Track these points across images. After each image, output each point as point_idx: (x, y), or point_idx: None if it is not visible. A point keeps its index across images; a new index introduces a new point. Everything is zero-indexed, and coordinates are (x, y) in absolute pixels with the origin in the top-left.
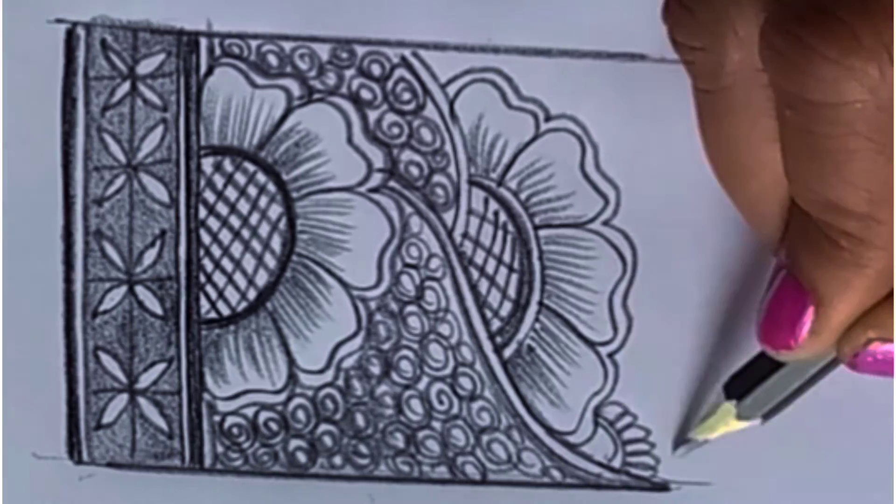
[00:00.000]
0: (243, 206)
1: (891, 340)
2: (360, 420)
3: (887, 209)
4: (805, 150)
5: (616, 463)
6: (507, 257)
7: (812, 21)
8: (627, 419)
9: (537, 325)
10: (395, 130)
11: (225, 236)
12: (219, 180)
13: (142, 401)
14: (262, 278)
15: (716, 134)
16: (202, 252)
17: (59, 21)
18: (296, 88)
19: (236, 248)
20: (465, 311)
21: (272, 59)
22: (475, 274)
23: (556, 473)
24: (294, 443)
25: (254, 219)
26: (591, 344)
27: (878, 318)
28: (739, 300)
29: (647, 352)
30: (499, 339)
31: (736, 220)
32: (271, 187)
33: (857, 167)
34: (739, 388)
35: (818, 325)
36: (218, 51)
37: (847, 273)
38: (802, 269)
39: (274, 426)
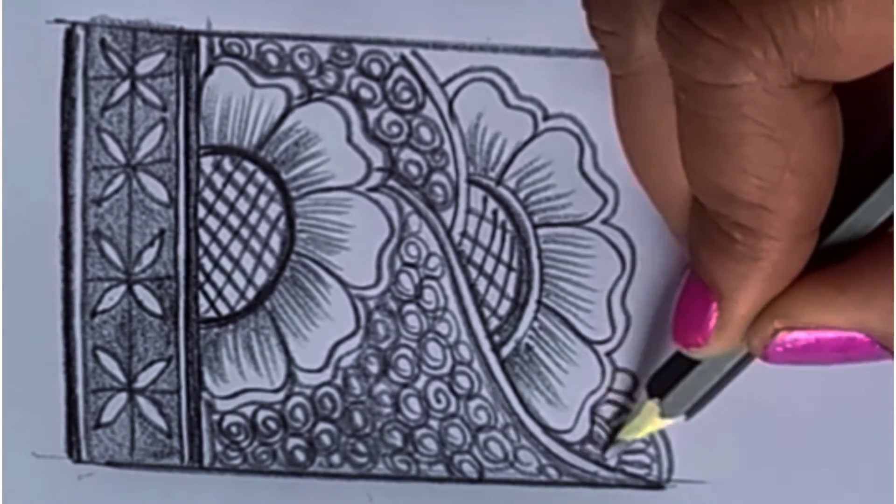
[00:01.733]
0: (242, 206)
1: (797, 328)
2: (358, 419)
3: (777, 197)
4: (697, 135)
5: (611, 461)
6: (505, 256)
7: (702, 4)
8: (624, 418)
9: (535, 324)
10: (395, 129)
11: (224, 235)
12: (218, 179)
13: (141, 400)
14: (260, 277)
15: (626, 119)
16: (201, 251)
17: (58, 21)
18: (295, 88)
19: (235, 248)
20: (464, 310)
21: (272, 59)
22: (474, 273)
23: (552, 472)
24: (293, 441)
25: (253, 218)
26: (590, 343)
27: (782, 308)
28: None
29: (645, 350)
30: (497, 338)
31: None
32: (270, 186)
33: (746, 153)
34: (661, 386)
35: (721, 321)
36: (217, 50)
37: (743, 267)
38: (702, 264)
39: (272, 425)
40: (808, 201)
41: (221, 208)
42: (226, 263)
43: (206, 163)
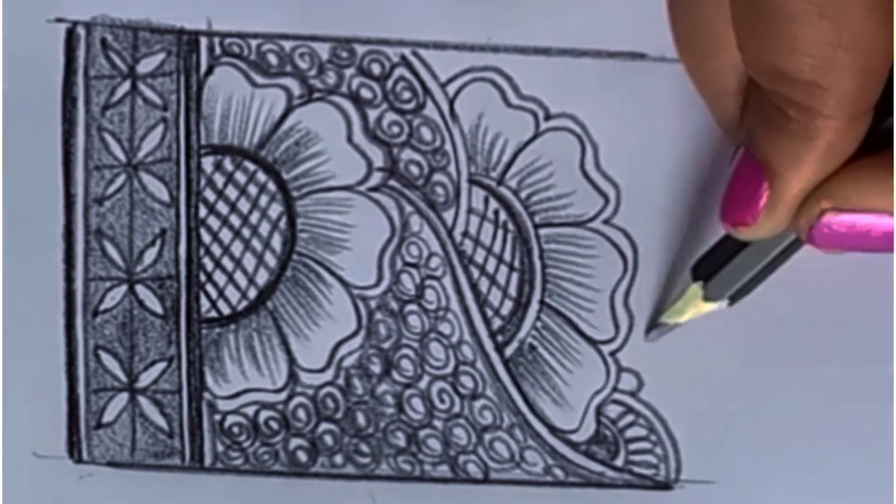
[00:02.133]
0: (243, 205)
1: (845, 210)
2: (360, 419)
3: (830, 75)
4: (749, 14)
5: (618, 461)
6: (507, 256)
7: None
8: (630, 417)
9: (538, 324)
10: (395, 129)
11: (225, 235)
12: (219, 179)
13: (142, 400)
14: (262, 277)
15: (682, 13)
16: (202, 251)
17: (59, 20)
18: (296, 87)
19: (237, 247)
20: (466, 310)
21: (272, 59)
22: (475, 273)
23: (558, 472)
24: (295, 442)
25: (254, 218)
26: (593, 342)
27: (832, 188)
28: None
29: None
30: (500, 338)
31: None
32: (271, 186)
33: (797, 31)
34: (706, 270)
35: (772, 199)
36: (218, 50)
37: (796, 145)
38: (756, 142)
39: (274, 425)
40: (862, 79)
41: (222, 208)
42: (227, 263)
43: (207, 162)
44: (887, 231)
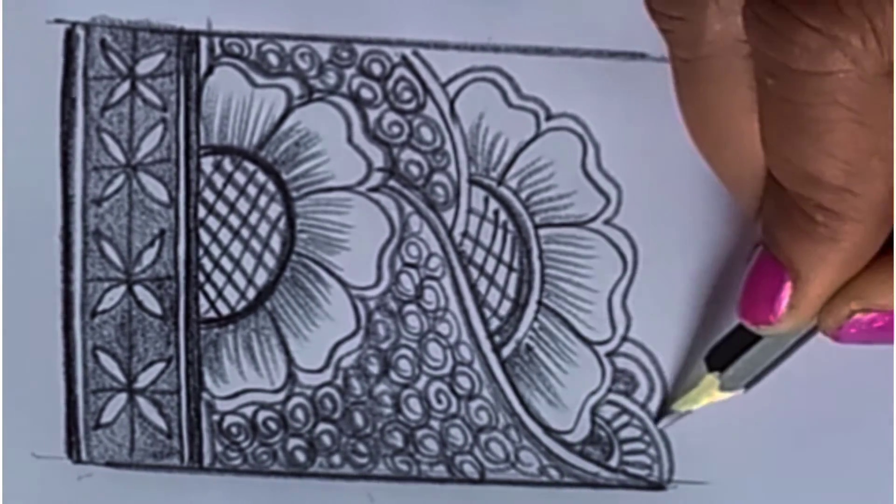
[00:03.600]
0: (243, 206)
1: (873, 310)
2: (358, 419)
3: (864, 182)
4: (784, 120)
5: (613, 462)
6: (506, 256)
7: None
8: (624, 418)
9: (536, 325)
10: (396, 129)
11: (224, 236)
12: (218, 180)
13: (141, 400)
14: (261, 278)
15: (694, 102)
16: (201, 251)
17: (58, 21)
18: (296, 88)
19: (236, 248)
20: (465, 311)
21: (272, 59)
22: (475, 273)
23: (553, 472)
24: (293, 442)
25: (253, 218)
26: (589, 343)
27: (859, 290)
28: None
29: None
30: (497, 339)
31: (737, 218)
32: (271, 187)
33: (836, 138)
34: (721, 359)
35: (796, 299)
36: (218, 50)
37: (822, 248)
38: (778, 244)
39: (273, 425)
40: (892, 184)
41: (222, 208)
42: (226, 264)
43: (207, 163)
44: None
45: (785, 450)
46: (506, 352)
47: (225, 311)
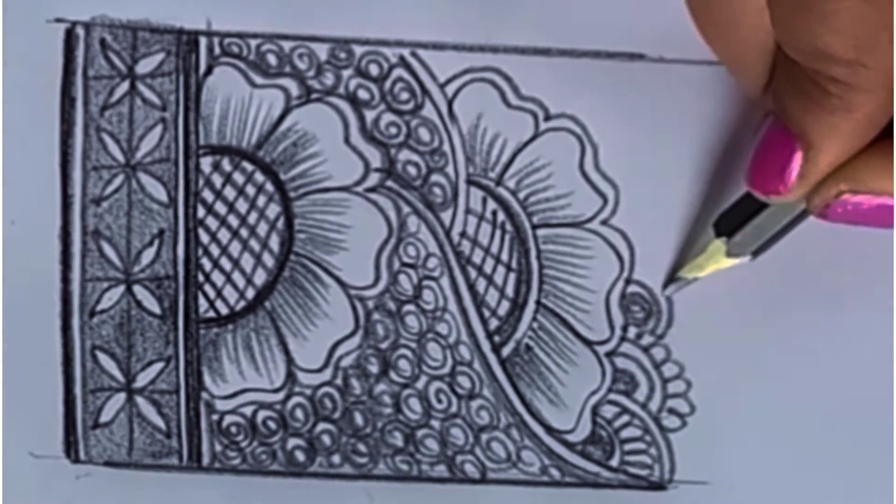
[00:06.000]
0: (241, 206)
1: (861, 192)
2: (358, 419)
3: (875, 55)
4: (792, 0)
5: (614, 462)
6: (505, 256)
7: None
8: (625, 418)
9: (535, 325)
10: (393, 130)
11: (223, 235)
12: (217, 180)
13: (139, 400)
14: (260, 277)
15: None
16: (200, 251)
17: (58, 20)
18: (294, 88)
19: (234, 248)
20: (464, 311)
21: (271, 59)
22: (473, 273)
23: (554, 472)
24: (292, 441)
25: (252, 218)
26: (589, 343)
27: (850, 170)
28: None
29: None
30: (497, 338)
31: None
32: (269, 187)
33: (843, 16)
34: (729, 225)
35: (806, 168)
36: (217, 50)
37: (835, 117)
38: (790, 114)
39: (272, 425)
40: None
41: (220, 208)
42: (225, 263)
43: (206, 163)
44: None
45: (785, 450)
46: (505, 351)
47: (224, 310)
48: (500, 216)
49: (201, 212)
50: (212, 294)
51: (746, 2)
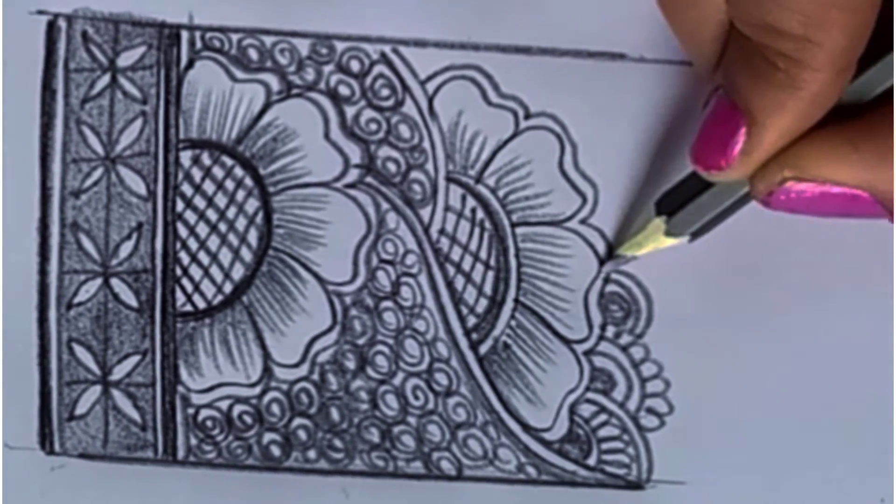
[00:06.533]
0: (220, 200)
1: (806, 179)
2: (334, 414)
3: (823, 32)
4: None
5: (591, 461)
6: (483, 254)
7: None
8: (603, 417)
9: (513, 322)
10: (373, 126)
11: (202, 230)
12: (196, 174)
13: (115, 392)
14: (238, 272)
15: None
16: (178, 245)
17: (40, 12)
18: (275, 83)
19: (213, 242)
20: (441, 308)
21: (252, 54)
22: (451, 270)
23: (531, 470)
24: (268, 436)
25: (231, 213)
26: (567, 342)
27: (794, 157)
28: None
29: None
30: (475, 336)
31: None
32: (249, 181)
33: None
34: (670, 205)
35: (749, 145)
36: (199, 44)
37: (782, 94)
38: (738, 88)
39: (248, 419)
40: (853, 35)
41: (199, 202)
42: (203, 257)
43: (185, 157)
44: (844, 202)
45: (763, 450)
46: (483, 349)
47: (201, 304)
48: (480, 214)
49: (180, 205)
50: (189, 288)
51: None
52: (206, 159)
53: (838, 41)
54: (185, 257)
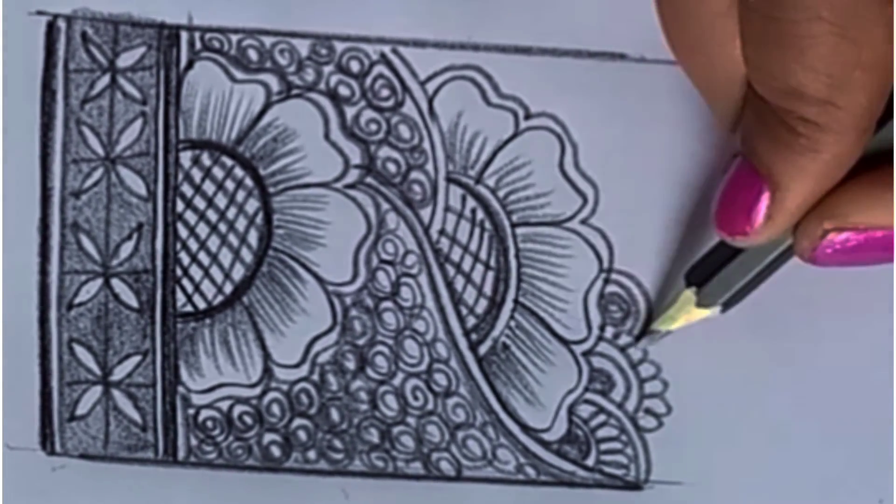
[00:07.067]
0: (220, 201)
1: (847, 229)
2: (334, 415)
3: (846, 94)
4: (766, 35)
5: (589, 461)
6: (483, 255)
7: None
8: (601, 417)
9: (512, 323)
10: (373, 127)
11: (202, 230)
12: (196, 174)
13: (116, 393)
14: (238, 272)
15: (671, 4)
16: (179, 245)
17: (39, 13)
18: (275, 84)
19: (213, 242)
20: (441, 308)
21: (252, 54)
22: (451, 271)
23: (530, 471)
24: (268, 437)
25: (231, 213)
26: (566, 342)
27: (832, 208)
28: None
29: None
30: (474, 336)
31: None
32: (249, 182)
33: (819, 52)
34: (700, 276)
35: (773, 210)
36: (198, 45)
37: (803, 159)
38: (758, 154)
39: (248, 420)
40: (875, 96)
41: (199, 203)
42: (203, 258)
43: (185, 157)
44: (887, 245)
45: (761, 452)
46: (482, 349)
47: (202, 305)
48: (480, 214)
49: (180, 206)
50: (189, 288)
51: (718, 25)
52: (206, 160)
53: (861, 103)
54: (185, 258)
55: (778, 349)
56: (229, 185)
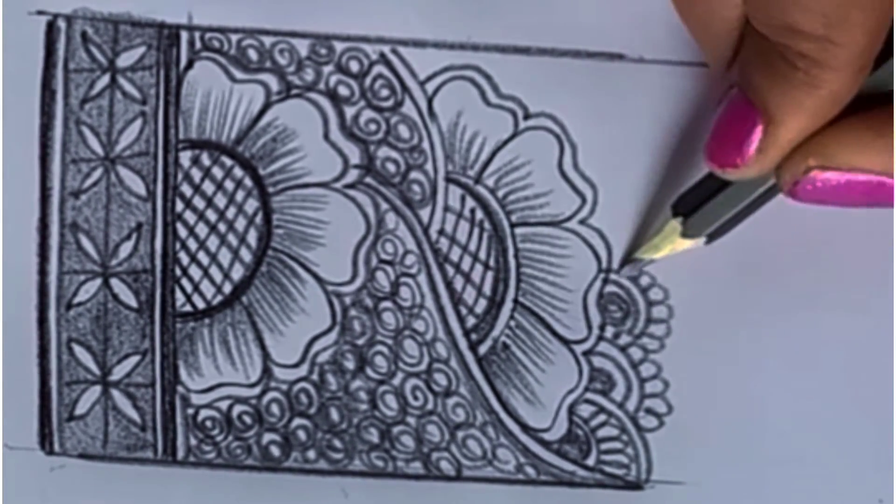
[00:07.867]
0: (220, 200)
1: (831, 168)
2: (334, 414)
3: (844, 32)
4: None
5: (590, 461)
6: (482, 254)
7: None
8: (602, 417)
9: (512, 323)
10: (373, 127)
11: (201, 230)
12: (196, 174)
13: (115, 393)
14: (237, 272)
15: None
16: (178, 245)
17: (39, 13)
18: (274, 83)
19: (212, 242)
20: (441, 308)
21: (252, 54)
22: (450, 271)
23: (530, 470)
24: (268, 436)
25: (230, 213)
26: (566, 342)
27: (819, 146)
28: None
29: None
30: (474, 336)
31: None
32: (248, 182)
33: None
34: (686, 206)
35: (766, 143)
36: (198, 44)
37: (800, 93)
38: (754, 87)
39: (248, 420)
40: (872, 34)
41: (199, 203)
42: (202, 258)
43: (185, 157)
44: (869, 190)
45: (762, 451)
46: (482, 349)
47: (201, 304)
48: (479, 214)
49: (179, 206)
50: (189, 288)
51: None
52: (205, 159)
53: (858, 41)
54: (184, 257)
55: (780, 349)
56: (229, 184)
